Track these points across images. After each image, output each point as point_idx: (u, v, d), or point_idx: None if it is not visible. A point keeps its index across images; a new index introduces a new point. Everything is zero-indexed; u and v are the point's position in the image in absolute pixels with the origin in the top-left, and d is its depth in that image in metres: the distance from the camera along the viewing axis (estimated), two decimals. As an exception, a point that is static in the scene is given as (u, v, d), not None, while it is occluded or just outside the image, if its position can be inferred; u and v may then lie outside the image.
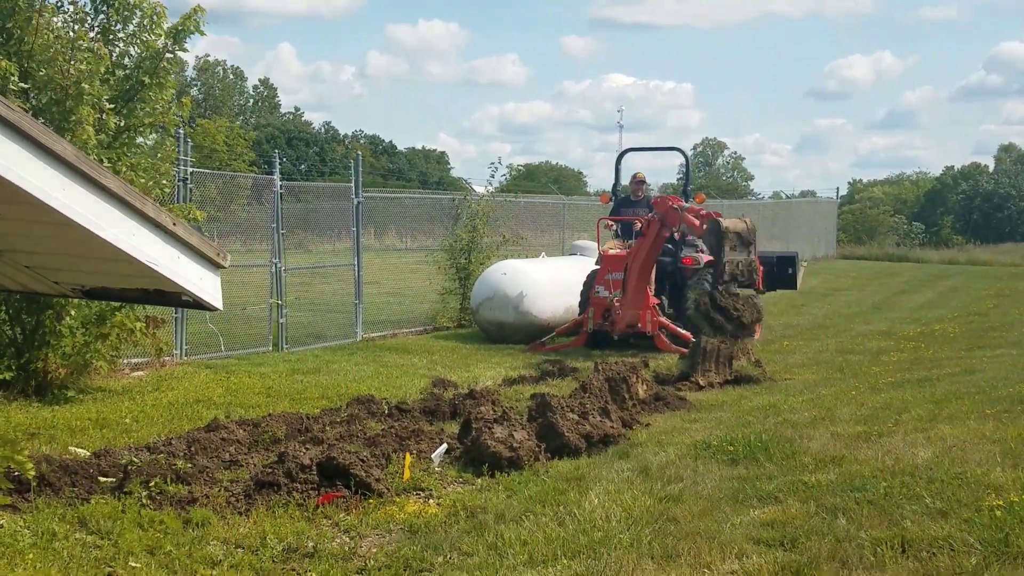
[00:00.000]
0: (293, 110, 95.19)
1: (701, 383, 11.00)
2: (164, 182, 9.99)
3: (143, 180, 9.60)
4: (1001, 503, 5.50)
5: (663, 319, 14.13)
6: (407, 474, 6.64)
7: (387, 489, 6.48)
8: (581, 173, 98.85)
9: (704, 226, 12.80)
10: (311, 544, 5.44)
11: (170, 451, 7.37)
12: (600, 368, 9.59)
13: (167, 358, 11.89)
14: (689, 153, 17.60)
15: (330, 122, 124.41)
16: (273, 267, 13.89)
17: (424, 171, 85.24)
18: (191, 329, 12.89)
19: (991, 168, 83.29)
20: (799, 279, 18.18)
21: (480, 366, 12.71)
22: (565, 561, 5.14)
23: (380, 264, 23.40)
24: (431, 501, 6.49)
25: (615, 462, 7.31)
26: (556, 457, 7.55)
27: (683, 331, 13.90)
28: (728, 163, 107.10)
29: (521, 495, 6.44)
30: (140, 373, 11.29)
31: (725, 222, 12.59)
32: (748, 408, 9.49)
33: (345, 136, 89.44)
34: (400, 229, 26.64)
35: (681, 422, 8.89)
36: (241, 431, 8.14)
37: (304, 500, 6.23)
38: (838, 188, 59.09)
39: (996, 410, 8.53)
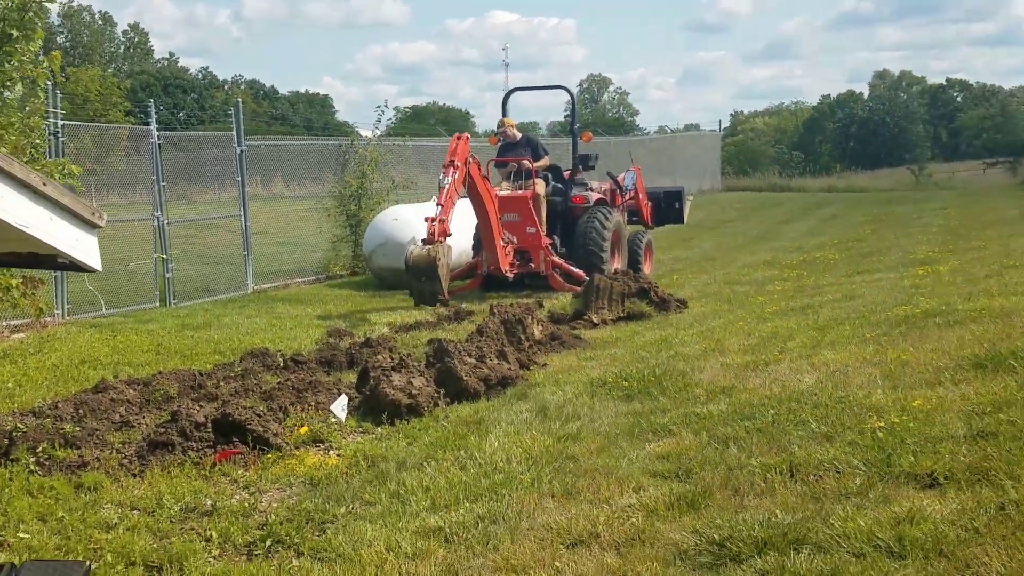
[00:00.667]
0: (168, 56, 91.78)
1: (595, 320, 11.16)
2: (37, 140, 9.50)
3: (14, 138, 9.13)
4: (882, 424, 5.77)
5: (556, 258, 14.26)
6: (304, 429, 6.57)
7: (286, 443, 6.42)
8: (469, 113, 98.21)
9: None
10: (209, 502, 5.36)
11: (57, 415, 7.13)
12: (495, 311, 9.64)
13: (48, 319, 11.45)
14: (575, 91, 17.57)
15: (208, 67, 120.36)
16: (155, 220, 13.44)
17: (308, 116, 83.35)
18: (72, 288, 12.42)
19: (866, 95, 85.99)
20: (686, 213, 18.55)
21: (375, 314, 12.61)
22: (467, 505, 5.19)
23: (269, 213, 22.91)
24: (331, 452, 6.46)
25: (514, 404, 7.39)
26: (455, 402, 7.58)
27: (576, 269, 14.06)
28: (613, 99, 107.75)
29: (421, 442, 6.47)
30: (20, 335, 10.85)
31: None
32: (641, 343, 9.68)
33: (224, 82, 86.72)
34: (287, 177, 26.05)
35: (577, 360, 9.03)
36: (131, 391, 7.93)
37: (200, 459, 6.12)
38: (720, 121, 60.16)
39: (875, 334, 8.91)
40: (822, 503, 4.78)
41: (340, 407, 7.01)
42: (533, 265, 14.16)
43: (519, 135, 15.47)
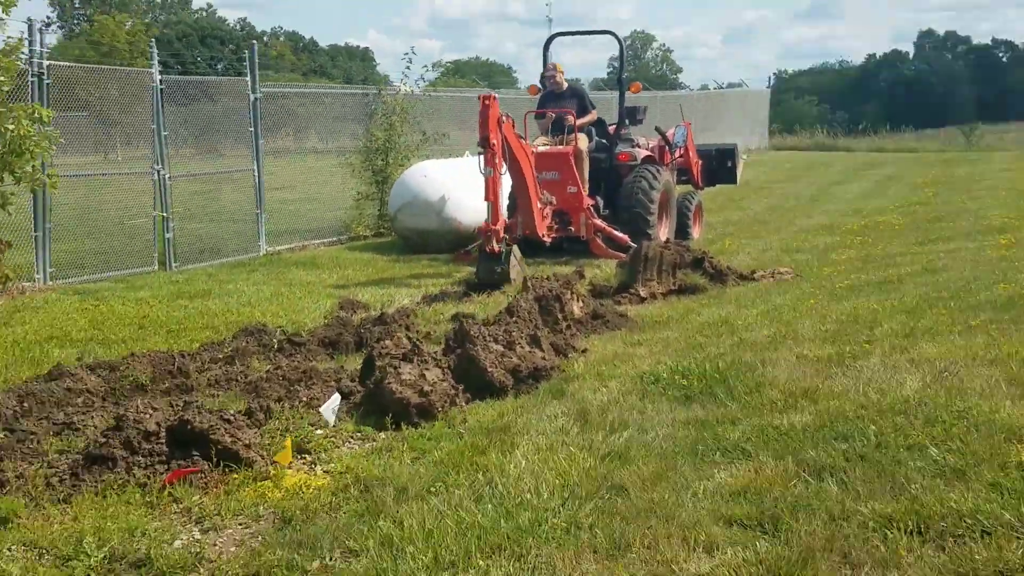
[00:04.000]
0: (206, 7, 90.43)
1: (643, 294, 9.78)
2: (1, 78, 8.22)
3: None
4: (1030, 456, 4.39)
5: (598, 221, 12.84)
6: (288, 458, 5.25)
7: (261, 456, 5.14)
8: (511, 68, 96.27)
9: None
10: (143, 548, 4.09)
11: (-6, 410, 5.90)
12: (531, 285, 8.27)
13: (27, 283, 10.29)
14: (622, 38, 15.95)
15: (246, 18, 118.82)
16: (156, 174, 12.15)
17: (348, 70, 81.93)
18: (60, 248, 11.23)
19: (911, 55, 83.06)
20: (739, 173, 17.04)
21: (397, 281, 11.33)
22: (481, 562, 3.88)
23: (297, 168, 21.46)
24: (317, 468, 5.18)
25: (547, 404, 6.06)
26: (477, 398, 6.28)
27: (620, 234, 12.66)
28: (657, 56, 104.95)
29: (431, 457, 5.16)
30: (-7, 304, 9.69)
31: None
32: (697, 325, 8.28)
33: (263, 33, 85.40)
34: (321, 130, 24.68)
35: (623, 345, 7.66)
36: (93, 378, 6.70)
37: (149, 478, 4.86)
38: (770, 77, 57.55)
39: (980, 320, 7.47)
40: (974, 585, 3.43)
41: (331, 409, 5.70)
42: (573, 229, 12.76)
43: (566, 84, 13.93)
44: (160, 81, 12.07)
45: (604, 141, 13.79)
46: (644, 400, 5.96)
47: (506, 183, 13.34)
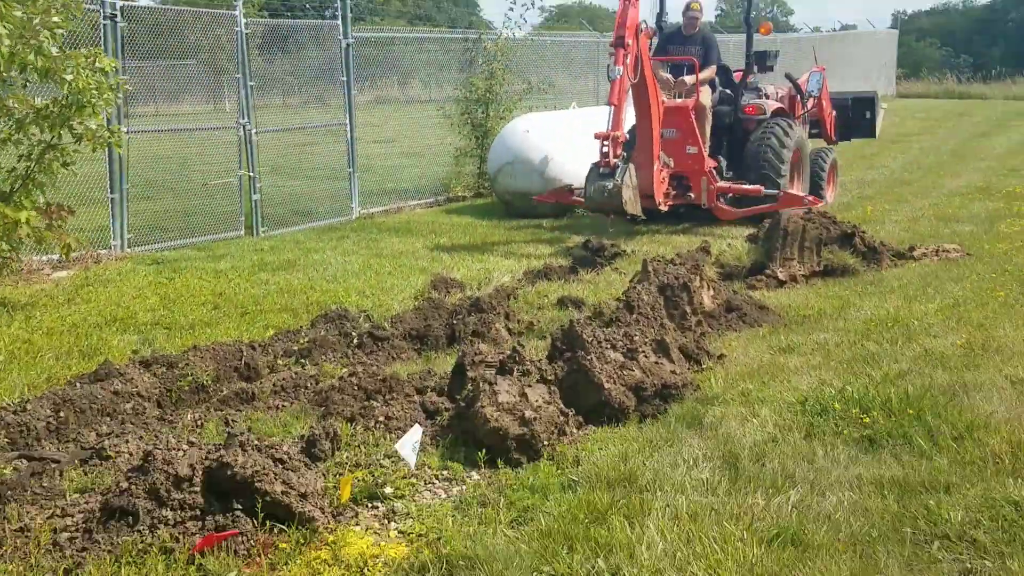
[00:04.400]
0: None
1: (781, 277, 8.37)
2: (55, 19, 7.21)
3: (18, 13, 6.91)
4: None
5: (722, 183, 11.34)
6: (345, 494, 4.15)
7: (320, 509, 4.04)
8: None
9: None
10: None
11: (20, 423, 4.96)
12: (651, 269, 6.95)
13: (102, 251, 9.45)
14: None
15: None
16: (240, 129, 11.13)
17: (452, 15, 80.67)
18: (140, 208, 10.35)
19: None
20: (879, 124, 15.21)
21: (496, 253, 10.14)
22: None
23: (400, 119, 20.18)
24: (390, 526, 4.05)
25: (682, 439, 4.79)
26: (590, 422, 5.07)
27: (750, 187, 11.14)
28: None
29: (535, 524, 3.95)
30: (62, 274, 8.85)
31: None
32: (860, 324, 6.81)
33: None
34: (425, 79, 23.40)
35: (768, 351, 6.29)
36: (147, 377, 5.72)
37: (178, 539, 3.80)
38: (896, 16, 53.34)
39: None
40: None
41: (410, 446, 4.52)
42: (693, 195, 11.28)
43: (698, 27, 12.19)
44: (245, 24, 11.00)
45: (728, 91, 12.20)
46: (811, 441, 4.63)
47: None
